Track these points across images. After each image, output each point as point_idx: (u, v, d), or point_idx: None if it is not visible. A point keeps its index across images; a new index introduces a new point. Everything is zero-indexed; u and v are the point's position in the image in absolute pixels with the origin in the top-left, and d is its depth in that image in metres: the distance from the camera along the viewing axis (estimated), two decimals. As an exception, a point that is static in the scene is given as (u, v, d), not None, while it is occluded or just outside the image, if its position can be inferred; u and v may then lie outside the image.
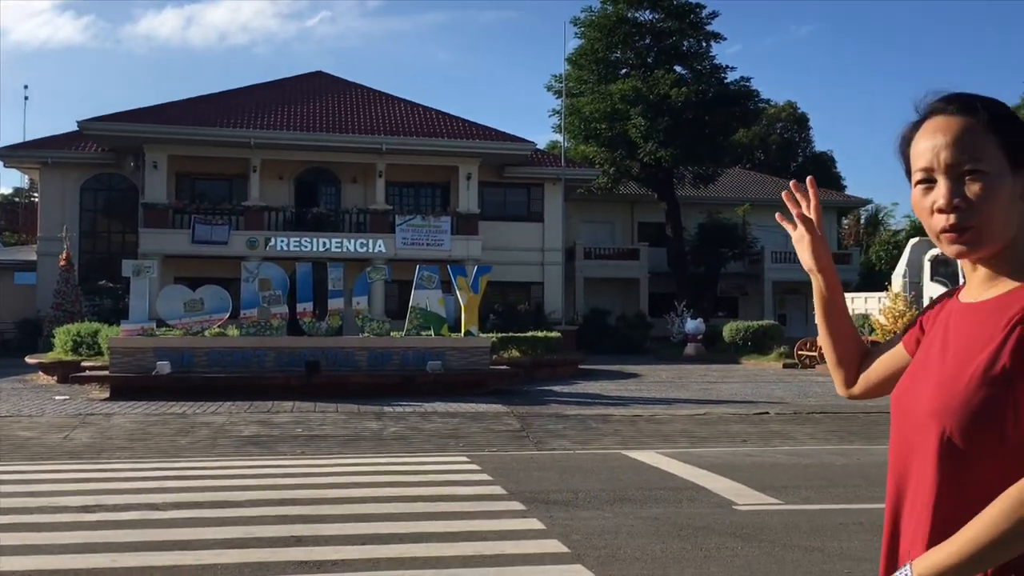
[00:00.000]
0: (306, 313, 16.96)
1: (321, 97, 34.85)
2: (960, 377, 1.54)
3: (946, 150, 1.57)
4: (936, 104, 1.63)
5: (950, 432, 1.54)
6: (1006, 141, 1.57)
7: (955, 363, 1.57)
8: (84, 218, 33.34)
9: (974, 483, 1.54)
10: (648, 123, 35.70)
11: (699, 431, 12.32)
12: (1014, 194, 1.57)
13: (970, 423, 1.52)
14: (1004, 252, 1.60)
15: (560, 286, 35.13)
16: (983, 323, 1.57)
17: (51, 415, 13.02)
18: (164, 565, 5.66)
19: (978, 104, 1.60)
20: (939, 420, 1.55)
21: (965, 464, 1.54)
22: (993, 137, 1.57)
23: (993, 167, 1.56)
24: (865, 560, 5.84)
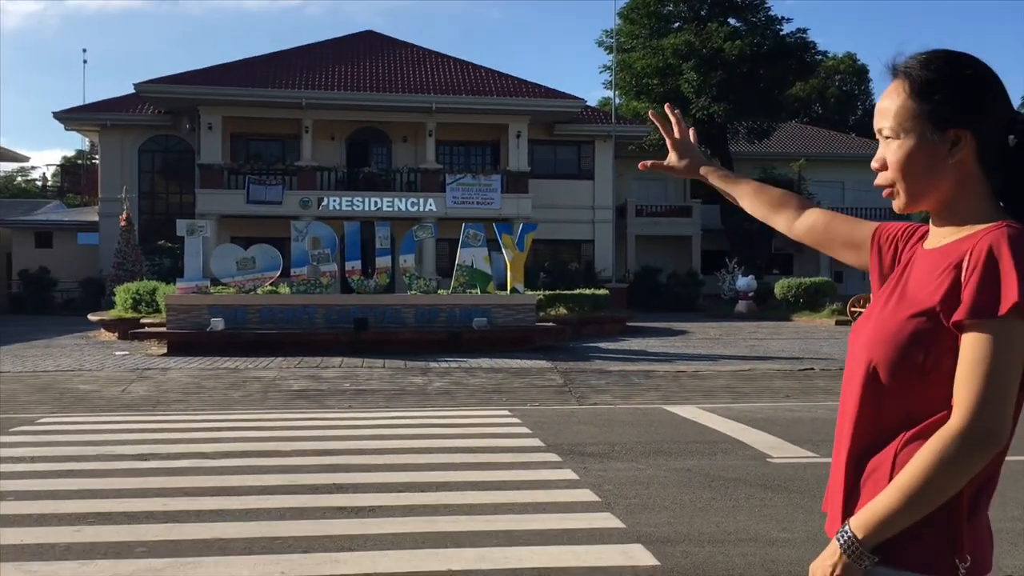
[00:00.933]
0: (354, 271, 17.25)
1: (372, 57, 34.96)
2: (896, 315, 1.63)
3: (876, 115, 1.70)
4: (889, 69, 1.72)
5: (875, 363, 1.64)
6: (925, 106, 1.64)
7: (898, 303, 1.66)
8: (143, 179, 34.11)
9: (889, 414, 1.64)
10: (701, 78, 35.17)
11: (742, 387, 12.34)
12: (938, 154, 1.64)
13: (894, 355, 1.61)
14: (945, 207, 1.69)
15: (611, 244, 35.04)
16: (931, 269, 1.65)
17: (111, 370, 13.52)
18: (211, 509, 5.93)
19: (902, 69, 1.68)
20: (868, 351, 1.66)
21: (883, 395, 1.64)
22: (916, 101, 1.64)
23: (905, 130, 1.65)
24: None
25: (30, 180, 66.24)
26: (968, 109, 1.63)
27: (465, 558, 4.95)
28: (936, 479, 1.51)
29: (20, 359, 14.93)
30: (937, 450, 1.52)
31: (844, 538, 1.58)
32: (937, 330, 1.58)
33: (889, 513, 1.54)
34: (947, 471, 1.51)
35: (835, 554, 1.59)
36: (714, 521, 5.72)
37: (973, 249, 1.58)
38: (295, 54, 34.78)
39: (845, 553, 1.58)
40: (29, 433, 8.81)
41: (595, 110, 38.13)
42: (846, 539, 1.58)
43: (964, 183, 1.66)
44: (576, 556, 4.99)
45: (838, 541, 1.59)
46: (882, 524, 1.55)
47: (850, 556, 1.57)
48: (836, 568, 1.58)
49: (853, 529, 1.58)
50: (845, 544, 1.58)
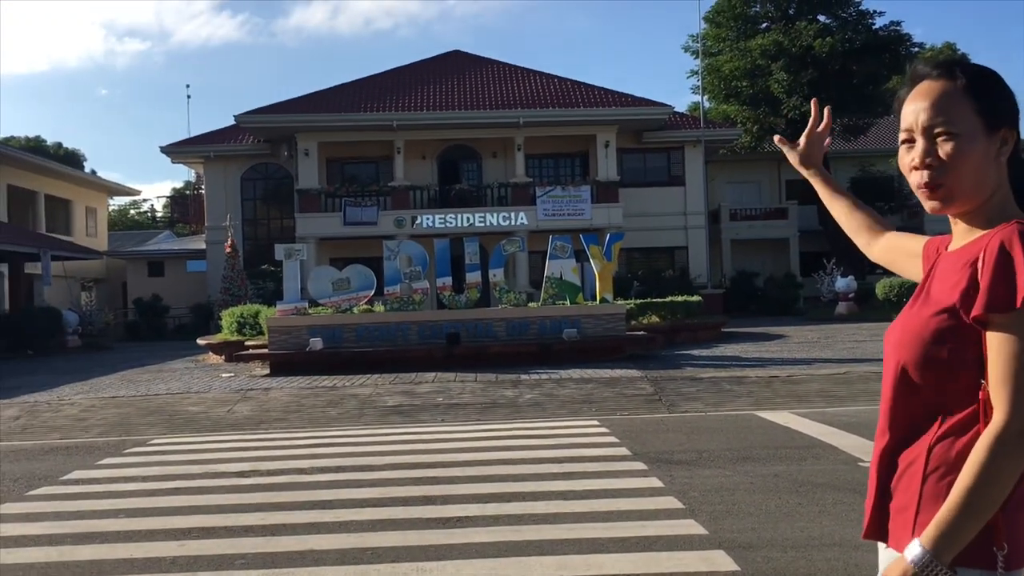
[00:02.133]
0: (445, 287, 17.58)
1: (459, 75, 35.54)
2: (923, 313, 1.69)
3: (924, 112, 1.72)
4: (922, 70, 1.78)
5: (904, 362, 1.69)
6: (981, 105, 1.69)
7: (923, 304, 1.73)
8: (246, 207, 35.43)
9: (919, 410, 1.70)
10: (791, 77, 34.54)
11: (837, 391, 12.08)
12: (988, 155, 1.70)
13: (919, 353, 1.67)
14: (980, 208, 1.74)
15: (705, 249, 34.65)
16: (953, 269, 1.71)
17: (217, 391, 14.12)
18: (306, 522, 6.18)
19: (957, 70, 1.73)
20: (897, 352, 1.71)
21: (913, 392, 1.70)
22: (969, 101, 1.70)
23: (965, 129, 1.69)
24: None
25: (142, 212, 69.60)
26: (1013, 111, 1.72)
27: (546, 566, 5.05)
28: (993, 478, 1.54)
29: (134, 384, 15.74)
30: (988, 450, 1.55)
31: (918, 557, 1.56)
32: (958, 326, 1.64)
33: (956, 522, 1.55)
34: (1002, 469, 1.54)
35: (905, 571, 1.57)
36: (799, 526, 5.67)
37: (987, 246, 1.63)
38: (385, 77, 35.64)
39: (919, 571, 1.56)
40: (141, 454, 9.31)
41: (683, 116, 37.83)
42: (921, 558, 1.56)
43: (1001, 183, 1.72)
44: (656, 562, 5.04)
45: (912, 562, 1.56)
46: (952, 535, 1.55)
47: (922, 571, 1.55)
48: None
49: (925, 546, 1.56)
50: (920, 563, 1.55)
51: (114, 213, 58.49)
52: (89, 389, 15.14)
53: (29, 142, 54.76)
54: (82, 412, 12.51)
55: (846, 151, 39.10)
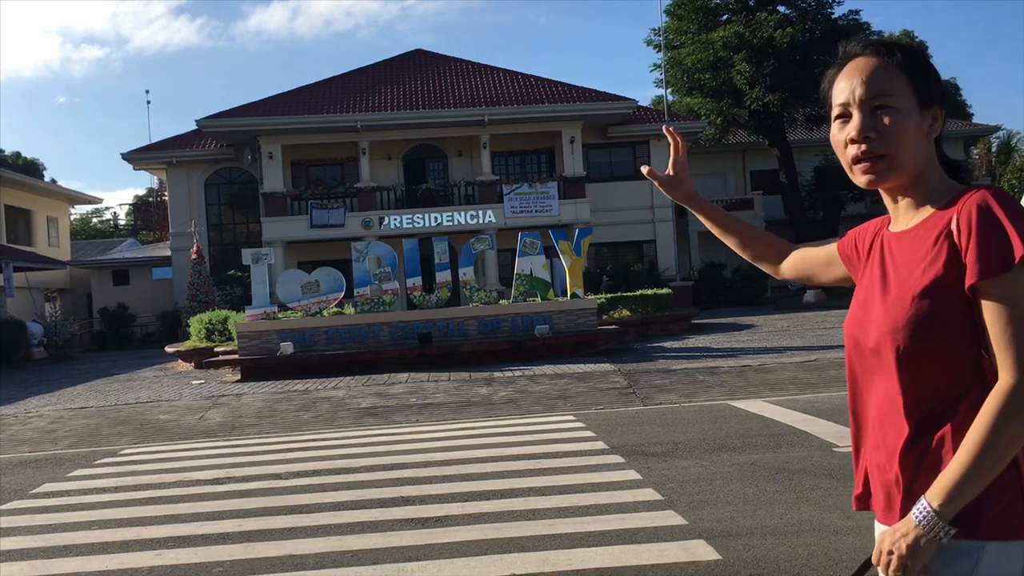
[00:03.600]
0: (415, 288, 17.52)
1: (422, 74, 35.41)
2: (905, 297, 1.68)
3: (860, 86, 1.74)
4: (855, 48, 1.80)
5: (904, 346, 1.68)
6: (916, 81, 1.73)
7: (897, 286, 1.71)
8: (210, 212, 35.08)
9: (934, 385, 1.68)
10: (753, 68, 34.77)
11: (808, 377, 12.19)
12: (921, 129, 1.73)
13: (920, 334, 1.66)
14: (916, 182, 1.75)
15: (672, 243, 34.83)
16: (916, 246, 1.71)
17: (188, 399, 13.96)
18: (283, 527, 6.12)
19: (893, 47, 1.76)
20: (893, 338, 1.69)
21: (922, 370, 1.68)
22: (904, 76, 1.73)
23: (902, 102, 1.72)
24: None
25: (104, 220, 68.67)
26: (942, 90, 1.77)
27: (528, 562, 5.03)
28: (1000, 438, 1.55)
29: (103, 394, 15.51)
30: (996, 409, 1.56)
31: (922, 512, 1.58)
32: (946, 299, 1.64)
33: (962, 480, 1.56)
34: (1010, 430, 1.55)
35: (910, 529, 1.59)
36: (777, 513, 5.70)
37: (959, 214, 1.64)
38: (348, 78, 35.43)
39: (922, 526, 1.57)
40: (112, 464, 9.18)
41: (648, 109, 37.99)
42: (925, 513, 1.58)
43: (931, 159, 1.75)
44: (637, 554, 5.04)
45: (915, 517, 1.58)
46: (957, 492, 1.56)
47: (927, 530, 1.57)
48: (912, 541, 1.58)
49: (930, 502, 1.58)
50: (924, 518, 1.57)
51: (76, 222, 57.65)
52: (57, 400, 14.90)
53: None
54: (50, 424, 12.31)
55: (809, 140, 39.47)
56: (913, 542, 1.58)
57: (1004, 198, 1.61)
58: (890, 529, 1.63)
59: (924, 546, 1.58)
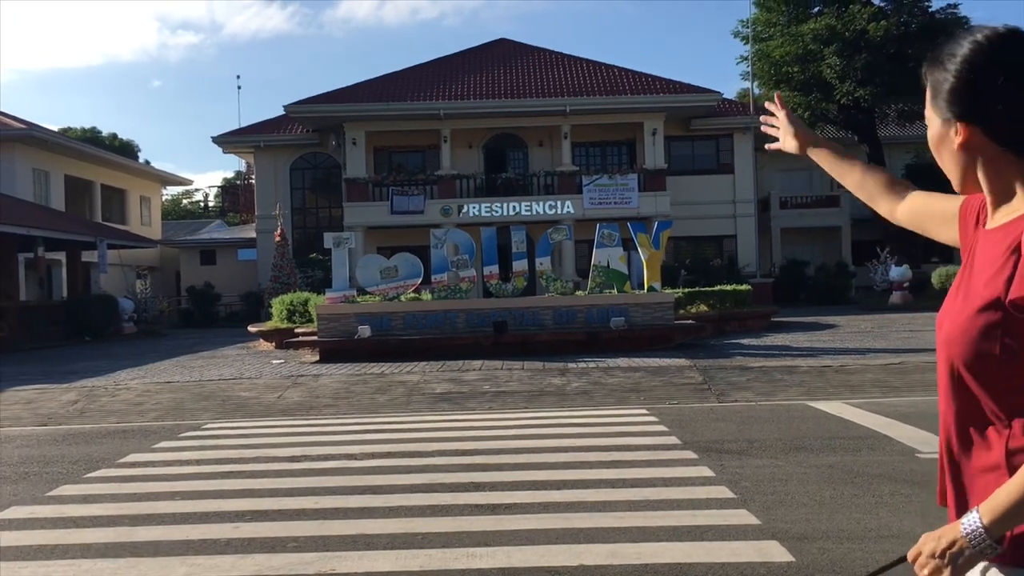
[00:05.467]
0: (492, 276, 17.58)
1: (505, 64, 35.47)
2: (966, 309, 1.60)
3: None
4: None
5: (955, 362, 1.62)
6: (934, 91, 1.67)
7: (966, 292, 1.63)
8: (295, 196, 35.81)
9: (981, 409, 1.61)
10: (844, 62, 33.83)
11: (892, 380, 11.85)
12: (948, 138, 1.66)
13: (969, 353, 1.59)
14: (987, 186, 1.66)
15: (754, 238, 34.22)
16: (990, 254, 1.62)
17: (268, 377, 14.30)
18: (357, 507, 6.23)
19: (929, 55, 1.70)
20: (947, 349, 1.64)
21: (969, 391, 1.61)
22: (929, 89, 1.69)
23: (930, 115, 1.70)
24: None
25: (194, 202, 70.68)
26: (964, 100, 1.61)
27: (597, 553, 5.02)
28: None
29: (187, 369, 15.99)
30: None
31: (971, 526, 1.54)
32: (1007, 319, 1.54)
33: (1016, 502, 1.51)
34: None
35: (956, 537, 1.55)
36: (855, 518, 5.57)
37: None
38: (432, 67, 35.71)
39: (968, 539, 1.54)
40: (195, 438, 9.46)
41: (732, 102, 37.36)
42: (973, 527, 1.54)
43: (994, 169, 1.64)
44: (708, 552, 4.98)
45: (963, 527, 1.55)
46: (1010, 513, 1.51)
47: (973, 543, 1.53)
48: (956, 551, 1.54)
49: (981, 516, 1.54)
50: (971, 531, 1.54)
51: (167, 202, 59.43)
52: (144, 374, 15.42)
53: (85, 133, 55.81)
54: (138, 397, 12.75)
55: (901, 137, 38.27)
56: (956, 551, 1.54)
57: None
58: (935, 533, 1.58)
59: (966, 558, 1.54)
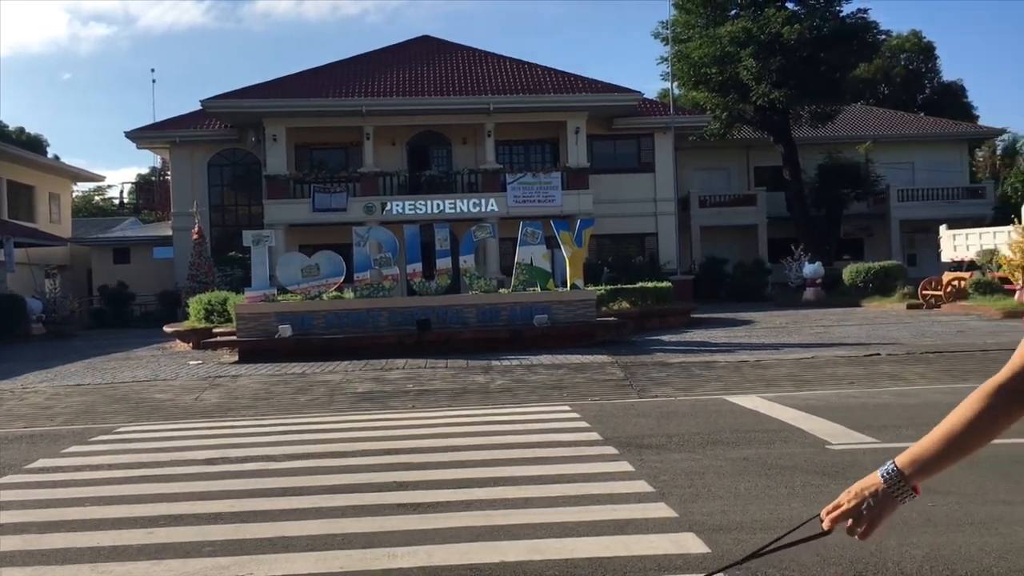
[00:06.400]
0: (416, 274, 17.53)
1: (429, 61, 35.34)
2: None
3: None
4: None
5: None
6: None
7: None
8: (213, 193, 35.06)
9: None
10: (760, 64, 34.70)
11: (805, 375, 12.20)
12: None
13: None
14: None
15: (674, 236, 34.80)
16: None
17: (184, 379, 13.98)
18: (276, 509, 6.14)
19: None
20: None
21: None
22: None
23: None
24: (951, 494, 5.79)
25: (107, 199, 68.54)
26: None
27: (518, 550, 5.04)
28: (977, 426, 1.61)
29: (99, 371, 15.53)
30: (982, 398, 1.62)
31: (889, 472, 1.67)
32: None
33: (933, 454, 1.65)
34: (989, 417, 1.61)
35: (876, 484, 1.68)
36: (768, 509, 5.72)
37: None
38: (354, 63, 35.37)
39: (886, 484, 1.66)
40: (107, 442, 9.19)
41: (653, 102, 37.93)
42: (891, 473, 1.67)
43: None
44: (627, 546, 5.05)
45: (881, 475, 1.67)
46: (926, 463, 1.65)
47: (891, 487, 1.66)
48: (874, 495, 1.67)
49: (899, 465, 1.67)
50: (889, 477, 1.66)
51: (78, 199, 57.56)
52: (54, 377, 14.92)
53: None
54: (47, 400, 12.34)
55: (815, 138, 39.39)
56: (876, 493, 1.67)
57: None
58: (858, 483, 1.71)
59: (883, 500, 1.66)
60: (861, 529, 1.69)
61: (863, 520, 1.68)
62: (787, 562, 4.68)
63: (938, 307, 23.52)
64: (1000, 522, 5.22)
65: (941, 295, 23.96)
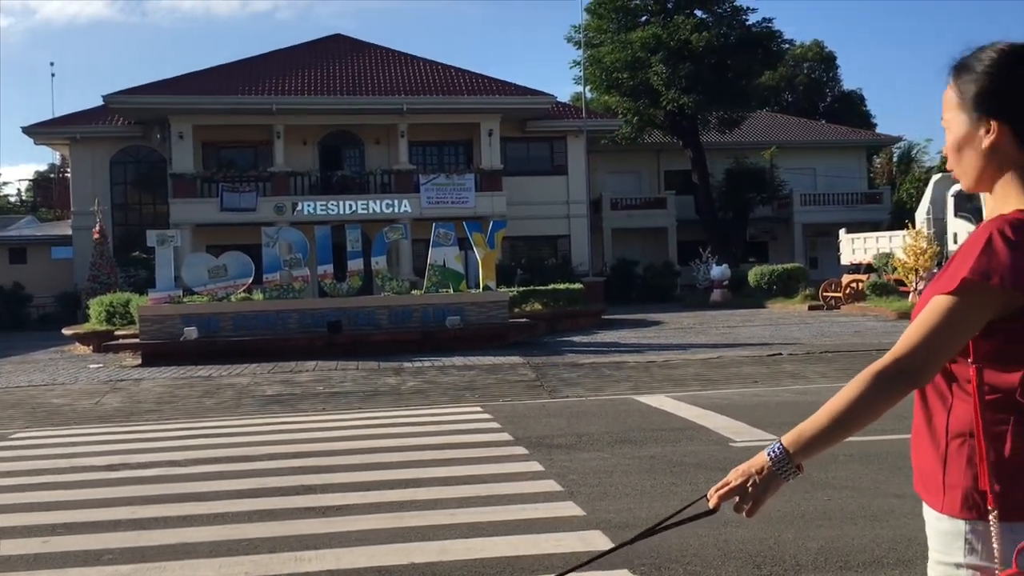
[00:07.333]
0: (327, 275, 17.34)
1: (342, 60, 34.94)
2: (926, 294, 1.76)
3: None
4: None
5: None
6: (963, 96, 1.77)
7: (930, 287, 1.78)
8: (115, 191, 33.97)
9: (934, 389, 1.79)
10: (670, 70, 35.40)
11: (711, 374, 12.51)
12: (976, 141, 1.76)
13: None
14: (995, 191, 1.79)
15: (586, 238, 35.20)
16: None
17: (84, 383, 13.53)
18: (178, 515, 6.00)
19: (956, 63, 1.80)
20: None
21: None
22: (956, 95, 1.78)
23: (952, 122, 1.79)
24: (846, 488, 6.03)
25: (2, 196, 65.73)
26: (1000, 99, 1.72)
27: (426, 551, 5.05)
28: (859, 407, 1.69)
29: (-6, 376, 14.90)
30: (867, 381, 1.69)
31: (775, 451, 1.74)
32: None
33: (816, 433, 1.72)
34: (867, 400, 1.68)
35: (763, 463, 1.75)
36: (673, 505, 5.84)
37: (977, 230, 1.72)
38: (265, 60, 34.70)
39: (772, 463, 1.74)
40: (2, 449, 8.83)
41: (566, 106, 38.30)
42: (777, 453, 1.74)
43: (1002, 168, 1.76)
44: (535, 544, 5.11)
45: (768, 454, 1.75)
46: (809, 443, 1.73)
47: (776, 466, 1.74)
48: (761, 475, 1.74)
49: (785, 444, 1.75)
50: (775, 457, 1.74)
51: (-29, 196, 55.12)
52: (-57, 382, 14.25)
53: None
54: (-65, 407, 11.78)
55: (721, 143, 40.37)
56: (762, 472, 1.74)
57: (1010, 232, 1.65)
58: (746, 462, 1.79)
59: (768, 480, 1.74)
60: (747, 506, 1.75)
61: (748, 497, 1.75)
62: (689, 556, 4.81)
63: (838, 308, 24.38)
64: (891, 515, 5.45)
65: (840, 297, 24.83)
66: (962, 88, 1.75)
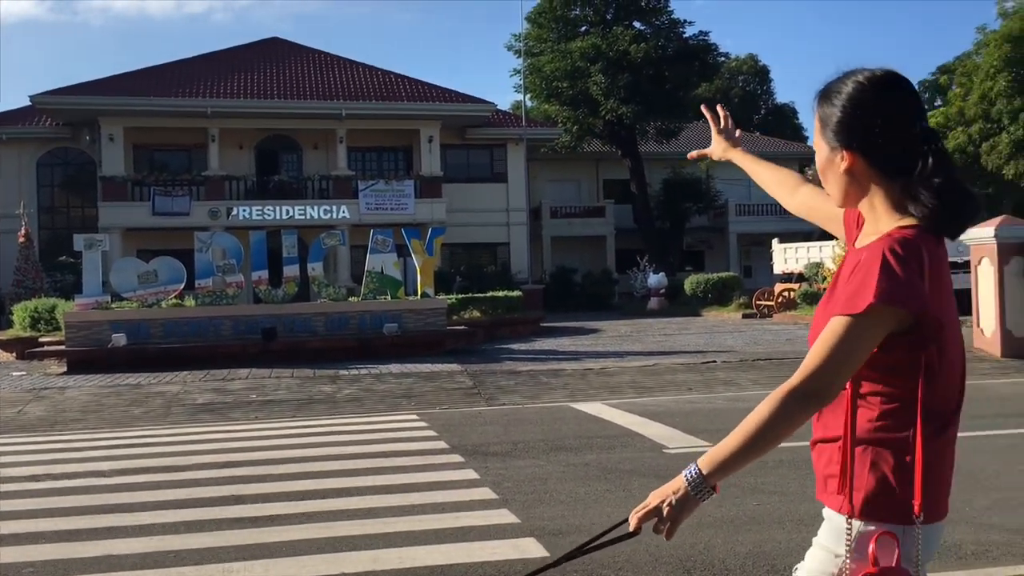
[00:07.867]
0: (261, 281, 17.08)
1: (278, 63, 34.53)
2: (827, 313, 1.79)
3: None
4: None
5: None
6: (822, 124, 1.88)
7: (829, 301, 1.82)
8: (42, 194, 33.09)
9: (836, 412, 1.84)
10: (609, 80, 35.75)
11: (646, 382, 12.63)
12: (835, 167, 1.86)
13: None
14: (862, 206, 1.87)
15: (526, 246, 35.32)
16: (849, 269, 1.81)
17: (5, 391, 13.10)
18: (104, 526, 5.84)
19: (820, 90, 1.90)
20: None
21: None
22: (817, 122, 1.90)
23: (816, 146, 1.91)
24: (776, 494, 6.13)
25: (-77, 197, 63.42)
26: (849, 132, 1.82)
27: (359, 561, 4.99)
28: (769, 427, 1.73)
29: (-90, 384, 14.35)
30: (776, 403, 1.73)
31: (691, 474, 1.79)
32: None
33: (730, 455, 1.76)
34: (777, 421, 1.73)
35: (679, 486, 1.79)
36: (606, 512, 5.87)
37: (866, 251, 1.77)
38: (199, 62, 34.13)
39: (689, 486, 1.78)
40: (-85, 459, 8.50)
41: (506, 114, 38.41)
42: (693, 475, 1.78)
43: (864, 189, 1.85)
44: (469, 552, 5.09)
45: (684, 477, 1.79)
46: (723, 464, 1.77)
47: (692, 488, 1.78)
48: (677, 496, 1.78)
49: (700, 466, 1.78)
50: (691, 479, 1.78)
51: None
52: None
53: None
54: None
55: (659, 153, 40.83)
56: (680, 494, 1.78)
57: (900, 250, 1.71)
58: (665, 484, 1.83)
59: (686, 501, 1.78)
60: (665, 527, 1.77)
61: (666, 519, 1.77)
62: (621, 562, 4.83)
63: (770, 316, 24.85)
64: (818, 519, 5.47)
65: (773, 305, 25.32)
66: (821, 116, 1.87)
